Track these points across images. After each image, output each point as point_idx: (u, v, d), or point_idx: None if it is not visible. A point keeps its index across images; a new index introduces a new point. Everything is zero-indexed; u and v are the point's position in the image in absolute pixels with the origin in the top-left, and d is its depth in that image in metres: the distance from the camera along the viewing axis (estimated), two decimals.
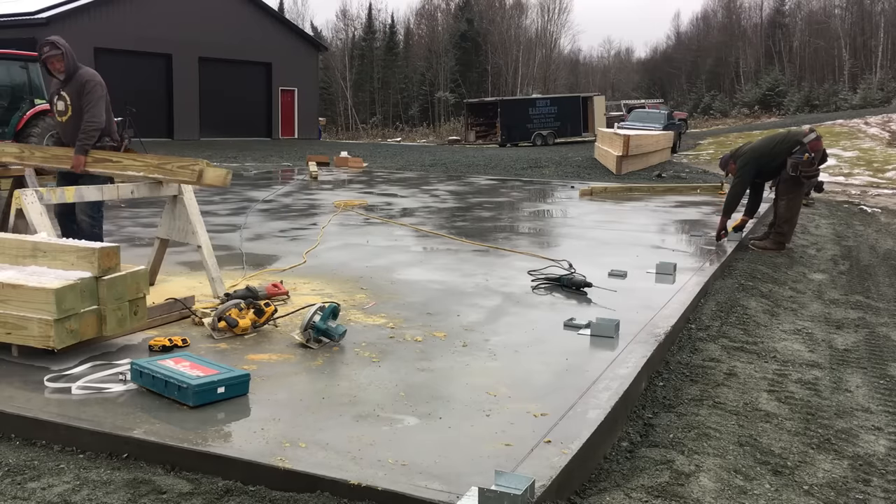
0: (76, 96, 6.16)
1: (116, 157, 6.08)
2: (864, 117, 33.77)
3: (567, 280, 6.27)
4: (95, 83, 6.17)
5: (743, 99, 63.13)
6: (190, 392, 3.61)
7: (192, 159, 5.82)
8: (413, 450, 3.22)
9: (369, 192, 14.27)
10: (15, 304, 4.18)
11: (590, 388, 3.96)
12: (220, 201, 12.15)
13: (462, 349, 4.62)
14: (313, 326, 4.55)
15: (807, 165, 8.76)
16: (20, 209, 5.08)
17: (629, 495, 3.12)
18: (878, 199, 16.56)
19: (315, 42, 44.33)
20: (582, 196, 14.22)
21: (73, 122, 6.17)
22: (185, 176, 5.65)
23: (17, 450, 3.39)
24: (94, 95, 6.14)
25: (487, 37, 71.02)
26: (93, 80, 6.19)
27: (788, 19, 71.87)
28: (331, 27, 79.81)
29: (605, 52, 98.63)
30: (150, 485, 3.03)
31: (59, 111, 6.27)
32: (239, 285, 5.97)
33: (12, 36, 26.08)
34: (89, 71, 6.27)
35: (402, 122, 68.13)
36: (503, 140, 38.81)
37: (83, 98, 6.12)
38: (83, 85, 6.14)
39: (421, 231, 9.53)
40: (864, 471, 3.54)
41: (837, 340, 5.63)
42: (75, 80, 6.17)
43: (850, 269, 8.33)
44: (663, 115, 31.53)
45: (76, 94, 6.16)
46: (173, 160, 5.82)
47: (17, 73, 16.72)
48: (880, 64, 61.15)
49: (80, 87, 6.14)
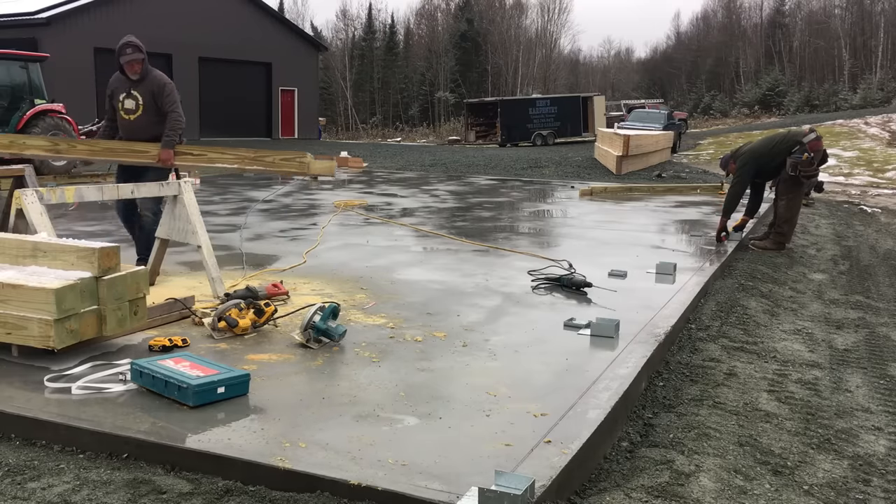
0: (150, 96, 6.54)
1: (199, 151, 6.51)
2: (864, 117, 33.77)
3: (567, 280, 6.27)
4: (173, 86, 6.66)
5: (743, 99, 63.11)
6: (190, 392, 3.61)
7: (295, 151, 6.01)
8: (413, 450, 3.22)
9: (369, 192, 14.27)
10: (15, 304, 4.18)
11: (590, 388, 3.96)
12: (220, 201, 12.15)
13: (462, 349, 4.62)
14: (313, 326, 4.55)
15: (806, 165, 8.76)
16: (20, 209, 5.07)
17: (629, 495, 3.12)
18: (878, 199, 16.56)
19: (315, 42, 44.31)
20: (582, 196, 14.22)
21: (143, 120, 6.54)
22: (293, 167, 5.85)
23: (17, 450, 3.39)
24: (175, 97, 6.62)
25: (487, 37, 71.00)
26: (170, 82, 6.67)
27: (788, 19, 71.84)
28: (331, 27, 79.89)
29: (605, 52, 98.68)
30: (150, 485, 3.03)
31: (128, 109, 6.56)
32: (239, 285, 5.97)
33: (12, 36, 26.10)
34: (161, 73, 6.69)
35: (402, 122, 68.11)
36: (503, 140, 38.80)
37: (162, 99, 6.52)
38: (161, 87, 6.54)
39: (421, 231, 9.53)
40: (864, 471, 3.54)
41: (837, 340, 5.63)
42: (148, 81, 6.55)
43: (850, 269, 8.33)
44: (663, 115, 31.52)
45: (150, 95, 6.54)
46: (272, 153, 6.04)
47: (17, 73, 16.73)
48: (880, 64, 61.14)
49: (156, 89, 6.52)
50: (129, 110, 6.57)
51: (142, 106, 6.54)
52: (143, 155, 6.44)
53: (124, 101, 6.56)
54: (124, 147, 6.51)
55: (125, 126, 6.64)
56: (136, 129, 6.57)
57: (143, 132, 6.55)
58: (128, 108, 6.56)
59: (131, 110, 6.56)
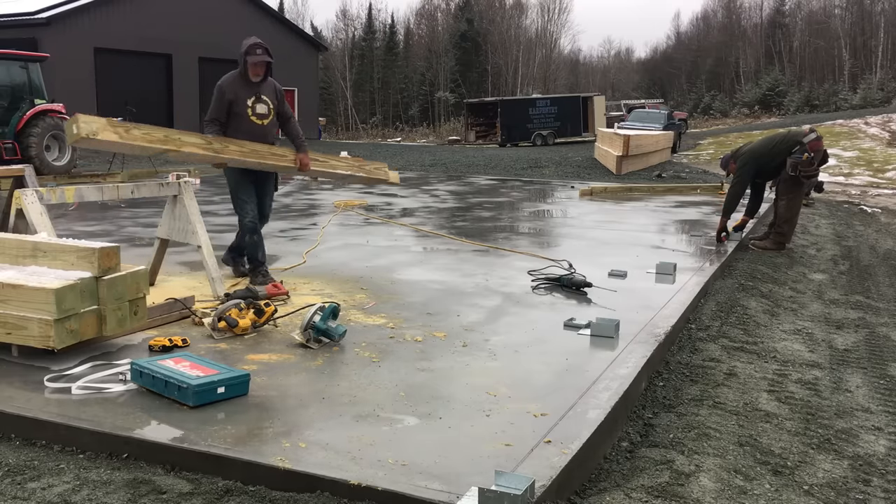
0: (275, 100, 6.31)
1: (323, 157, 6.63)
2: (864, 117, 33.77)
3: (567, 280, 6.27)
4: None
5: (743, 99, 63.11)
6: (190, 392, 3.61)
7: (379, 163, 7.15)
8: (413, 450, 3.22)
9: (369, 192, 14.27)
10: (15, 304, 4.18)
11: (590, 388, 3.96)
12: (220, 201, 12.14)
13: (462, 349, 4.62)
14: (313, 326, 4.55)
15: (806, 165, 8.76)
16: (20, 209, 5.08)
17: (629, 495, 3.12)
18: (878, 199, 16.55)
19: (315, 42, 44.29)
20: (582, 196, 14.22)
21: (272, 125, 6.32)
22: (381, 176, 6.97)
23: (17, 450, 3.39)
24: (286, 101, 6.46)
25: (487, 37, 70.97)
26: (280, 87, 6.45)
27: (788, 19, 71.83)
28: (331, 27, 79.88)
29: (605, 52, 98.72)
30: (150, 485, 3.03)
31: (260, 114, 6.22)
32: (239, 285, 5.97)
33: (12, 36, 26.08)
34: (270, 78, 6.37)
35: (402, 122, 68.10)
36: (503, 140, 38.79)
37: (283, 104, 6.37)
38: (282, 91, 6.41)
39: (421, 231, 9.53)
40: (864, 471, 3.54)
41: (837, 340, 5.63)
42: (269, 84, 6.28)
43: (850, 269, 8.33)
44: (663, 115, 31.50)
45: (275, 99, 6.31)
46: (368, 163, 6.89)
47: (17, 73, 16.73)
48: (880, 64, 61.13)
49: (278, 93, 6.36)
50: (261, 115, 6.21)
51: (272, 111, 6.27)
52: (282, 159, 6.21)
53: (255, 106, 6.17)
54: (269, 150, 6.18)
55: (255, 131, 6.18)
56: (267, 134, 6.26)
57: (270, 137, 6.29)
58: (260, 113, 6.20)
59: (264, 115, 6.22)
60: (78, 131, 5.16)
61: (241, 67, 6.13)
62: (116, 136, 5.34)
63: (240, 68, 6.16)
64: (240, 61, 6.14)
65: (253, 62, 6.07)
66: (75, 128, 5.19)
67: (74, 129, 5.20)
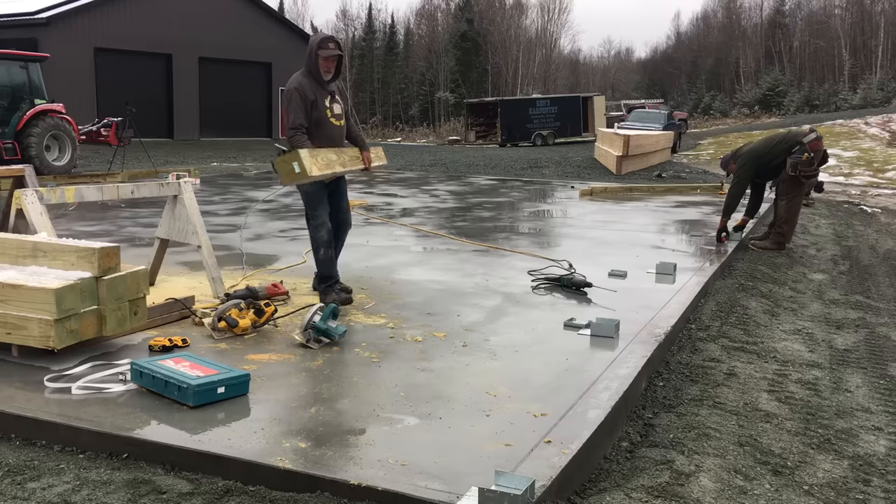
0: (343, 100, 5.95)
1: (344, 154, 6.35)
2: (864, 117, 33.78)
3: (567, 280, 6.27)
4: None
5: (743, 99, 63.16)
6: (190, 392, 3.61)
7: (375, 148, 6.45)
8: (413, 450, 3.22)
9: (369, 192, 14.27)
10: (15, 304, 4.18)
11: (590, 388, 3.96)
12: (220, 201, 12.15)
13: (462, 349, 4.62)
14: (313, 326, 4.55)
15: (806, 165, 8.76)
16: (20, 209, 5.08)
17: (629, 495, 3.12)
18: (878, 199, 16.56)
19: None
20: (582, 196, 14.22)
21: (345, 124, 5.88)
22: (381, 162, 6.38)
23: (17, 450, 3.38)
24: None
25: (487, 37, 70.99)
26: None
27: (788, 19, 71.88)
28: (331, 27, 79.63)
29: (605, 52, 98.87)
30: (150, 485, 3.03)
31: (337, 115, 5.75)
32: (239, 285, 5.97)
33: (12, 36, 26.10)
34: None
35: (402, 122, 68.14)
36: (503, 140, 38.81)
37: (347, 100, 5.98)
38: (343, 89, 6.06)
39: (421, 231, 9.53)
40: (864, 471, 3.54)
41: (837, 340, 5.63)
42: (335, 83, 5.85)
43: (850, 269, 8.33)
44: (663, 115, 31.53)
45: (342, 99, 5.94)
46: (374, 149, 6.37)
47: (17, 73, 16.73)
48: (880, 64, 61.17)
49: (342, 91, 5.96)
50: (338, 115, 5.74)
51: (344, 112, 5.84)
52: (358, 161, 5.83)
53: (332, 107, 5.68)
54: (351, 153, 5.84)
55: (334, 133, 5.72)
56: (342, 135, 5.82)
57: (343, 138, 5.86)
58: (337, 113, 5.73)
59: (340, 115, 5.77)
60: (301, 171, 5.06)
61: (311, 64, 5.57)
62: (318, 170, 5.24)
63: (307, 66, 5.60)
64: (309, 58, 5.60)
65: (325, 56, 5.54)
66: (297, 166, 5.04)
67: (297, 169, 5.05)
